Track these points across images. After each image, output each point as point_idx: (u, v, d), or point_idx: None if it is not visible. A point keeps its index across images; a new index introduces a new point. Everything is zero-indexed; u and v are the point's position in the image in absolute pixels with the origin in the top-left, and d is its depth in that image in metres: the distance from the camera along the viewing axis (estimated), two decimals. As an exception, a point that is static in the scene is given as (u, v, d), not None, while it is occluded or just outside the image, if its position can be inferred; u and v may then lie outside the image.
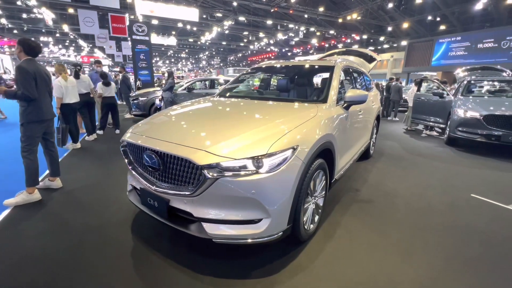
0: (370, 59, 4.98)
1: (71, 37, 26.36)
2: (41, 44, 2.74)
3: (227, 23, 21.68)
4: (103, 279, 1.71)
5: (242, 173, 1.57)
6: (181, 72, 49.41)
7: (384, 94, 10.00)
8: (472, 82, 6.28)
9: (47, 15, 18.75)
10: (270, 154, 1.61)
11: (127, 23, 16.61)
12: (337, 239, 2.22)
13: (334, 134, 2.29)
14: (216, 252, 1.99)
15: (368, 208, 2.78)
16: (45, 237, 2.14)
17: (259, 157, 1.59)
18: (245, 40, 30.03)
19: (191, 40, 29.67)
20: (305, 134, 1.90)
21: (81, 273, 1.76)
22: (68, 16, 22.06)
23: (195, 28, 24.76)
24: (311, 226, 2.20)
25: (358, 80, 3.88)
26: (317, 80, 3.24)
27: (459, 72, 7.49)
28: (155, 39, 24.89)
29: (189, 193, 1.66)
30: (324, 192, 2.35)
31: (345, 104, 2.64)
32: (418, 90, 7.02)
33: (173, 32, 27.29)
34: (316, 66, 3.07)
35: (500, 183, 3.59)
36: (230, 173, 1.57)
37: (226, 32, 26.27)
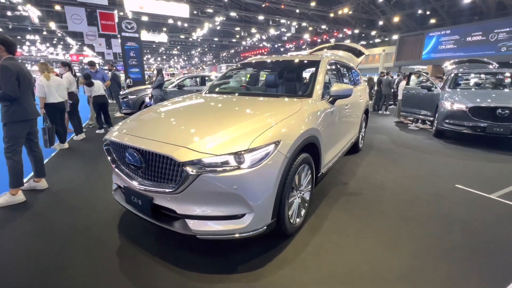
0: (358, 53, 5.02)
1: (59, 35, 25.73)
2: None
3: (219, 19, 21.47)
4: (88, 280, 1.70)
5: (224, 169, 1.57)
6: (173, 69, 48.87)
7: (376, 88, 10.07)
8: (459, 75, 6.37)
9: (33, 13, 18.25)
10: (252, 149, 1.62)
11: (116, 20, 16.27)
12: (324, 231, 2.25)
13: (319, 129, 2.31)
14: (203, 248, 1.99)
15: (355, 200, 2.82)
16: (29, 239, 2.11)
17: (241, 152, 1.59)
18: (237, 36, 29.80)
19: (182, 36, 29.32)
20: (288, 128, 1.90)
21: (65, 275, 1.75)
22: (55, 13, 21.53)
23: (186, 25, 24.46)
24: (297, 220, 2.22)
25: (346, 74, 3.90)
26: (303, 75, 3.24)
27: (447, 65, 7.59)
28: (146, 36, 24.49)
29: (171, 190, 1.65)
30: (310, 186, 2.38)
31: (331, 99, 2.65)
32: (408, 83, 7.09)
33: (164, 29, 26.92)
34: (302, 61, 3.07)
35: (484, 173, 3.68)
36: (212, 169, 1.57)
37: (218, 28, 26.00)
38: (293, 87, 2.86)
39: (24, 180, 2.99)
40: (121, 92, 8.16)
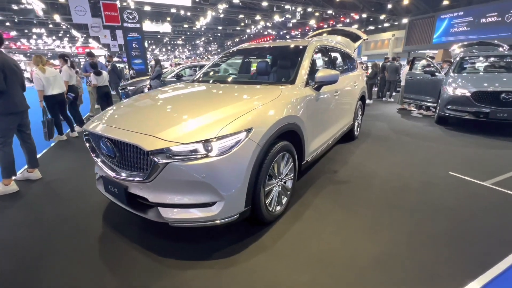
0: (355, 38, 4.85)
1: (64, 27, 25.87)
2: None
3: (222, 6, 21.09)
4: (67, 266, 1.76)
5: (192, 157, 1.57)
6: (179, 59, 48.67)
7: (380, 74, 9.77)
8: (465, 58, 6.09)
9: (37, 5, 18.33)
10: (221, 137, 1.60)
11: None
12: (306, 219, 2.25)
13: (299, 116, 2.26)
14: (181, 235, 2.02)
15: (343, 188, 2.79)
16: (19, 227, 2.19)
17: (208, 140, 1.58)
18: (242, 24, 29.25)
19: (186, 26, 29.03)
20: (262, 116, 1.87)
21: (48, 260, 1.81)
22: (59, 6, 21.60)
23: (189, 13, 24.13)
24: (278, 208, 2.22)
25: (338, 60, 3.79)
26: (291, 61, 3.16)
27: (455, 49, 7.28)
28: (149, 26, 24.38)
29: (142, 179, 1.67)
30: (293, 174, 2.36)
31: (316, 85, 2.59)
32: (411, 69, 6.85)
33: (168, 19, 26.67)
34: (288, 48, 2.99)
35: (482, 160, 3.56)
36: (180, 158, 1.57)
37: (221, 16, 25.58)
38: (277, 73, 2.80)
39: (19, 172, 3.09)
40: (122, 83, 8.22)
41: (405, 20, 22.75)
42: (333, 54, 3.49)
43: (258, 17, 25.71)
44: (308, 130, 2.51)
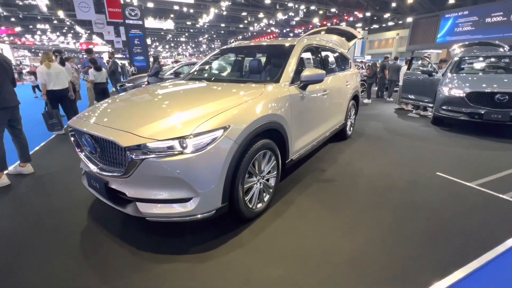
0: (350, 37, 4.84)
1: (68, 23, 26.03)
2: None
3: (224, 4, 21.04)
4: (50, 257, 1.82)
5: (167, 153, 1.61)
6: (182, 56, 48.74)
7: (379, 74, 9.71)
8: (463, 58, 6.05)
9: (41, 1, 18.47)
10: (196, 134, 1.63)
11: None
12: (286, 217, 2.28)
13: (282, 114, 2.29)
14: (162, 230, 2.07)
15: (328, 187, 2.81)
16: (4, 220, 2.25)
17: (183, 137, 1.61)
18: (245, 22, 29.19)
19: (189, 23, 29.01)
20: (241, 114, 1.90)
21: (29, 253, 1.87)
22: (63, 2, 21.70)
23: (192, 11, 24.12)
24: (259, 205, 2.26)
25: (330, 59, 3.79)
26: (278, 60, 3.17)
27: (455, 49, 7.21)
28: (153, 23, 24.40)
29: (120, 174, 1.71)
30: (275, 172, 2.39)
31: (301, 84, 2.61)
32: (409, 68, 6.80)
33: (171, 16, 26.69)
34: (276, 46, 3.00)
35: (472, 161, 3.55)
36: (156, 154, 1.61)
37: (224, 13, 25.54)
38: (263, 72, 2.82)
39: (12, 166, 3.16)
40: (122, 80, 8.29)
41: (409, 19, 22.52)
42: (324, 54, 3.50)
43: (261, 15, 25.61)
44: (293, 128, 2.53)
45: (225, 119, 1.78)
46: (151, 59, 8.15)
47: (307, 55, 3.28)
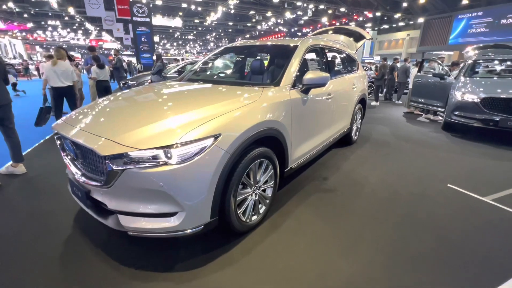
0: (359, 37, 4.63)
1: (78, 20, 26.29)
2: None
3: (232, 2, 20.90)
4: (26, 267, 1.70)
5: (150, 164, 1.47)
6: (189, 54, 48.84)
7: (388, 76, 9.43)
8: (478, 62, 5.76)
9: (51, -3, 18.65)
10: (182, 144, 1.49)
11: (132, 4, 16.19)
12: (282, 230, 2.12)
13: (281, 121, 2.13)
14: (147, 242, 1.93)
15: (328, 197, 2.64)
16: (-11, 223, 2.16)
17: (168, 146, 1.47)
18: (253, 20, 28.99)
19: (197, 21, 28.99)
20: (235, 121, 1.75)
21: (6, 260, 1.76)
22: (74, -2, 21.89)
23: (200, 8, 24.04)
24: (254, 217, 2.10)
25: (336, 61, 3.60)
26: (279, 61, 3.00)
27: (469, 51, 6.90)
28: (161, 20, 24.43)
29: (101, 184, 1.58)
30: (273, 182, 2.23)
31: (303, 88, 2.44)
32: (419, 71, 6.54)
33: (180, 13, 26.70)
34: (279, 47, 2.83)
35: (486, 172, 3.33)
36: (137, 164, 1.47)
37: (232, 12, 25.39)
38: (263, 74, 2.65)
39: (5, 166, 3.08)
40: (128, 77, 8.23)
41: (421, 19, 21.98)
42: (329, 55, 3.31)
43: (269, 14, 25.38)
44: (293, 135, 2.37)
45: (216, 126, 1.63)
46: (154, 57, 8.05)
47: (312, 56, 3.10)
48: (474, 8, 17.74)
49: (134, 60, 21.95)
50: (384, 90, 9.87)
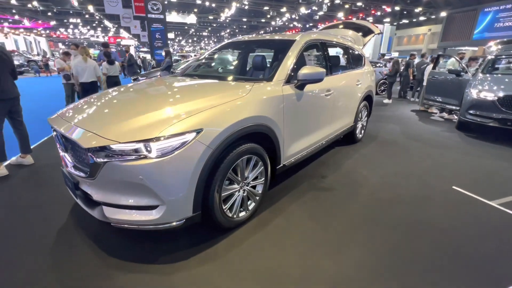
0: (367, 32, 4.47)
1: (97, 17, 27.14)
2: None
3: (246, -2, 20.78)
4: (18, 254, 1.78)
5: (130, 157, 1.48)
6: (204, 51, 49.25)
7: (403, 72, 9.05)
8: (499, 57, 5.39)
9: (72, -5, 19.29)
10: (161, 137, 1.49)
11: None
12: (271, 228, 2.09)
13: (271, 117, 2.09)
14: (137, 235, 1.97)
15: (324, 196, 2.58)
16: (-8, 210, 2.28)
17: (148, 140, 1.48)
18: (268, 16, 28.73)
19: (211, 17, 29.12)
20: (219, 116, 1.73)
21: (0, 246, 1.85)
22: (93, -3, 22.57)
23: (214, 5, 24.11)
24: (242, 213, 2.09)
25: (338, 56, 3.49)
26: (275, 57, 2.94)
27: (492, 46, 6.49)
28: (175, 17, 24.77)
29: (86, 175, 1.62)
30: (263, 179, 2.21)
31: (298, 83, 2.38)
32: (434, 67, 6.22)
33: (195, 10, 26.91)
34: (276, 42, 2.78)
35: (497, 175, 3.13)
36: (118, 157, 1.49)
37: (246, 7, 25.28)
38: (259, 69, 2.61)
39: (15, 157, 3.24)
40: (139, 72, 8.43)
41: (443, 13, 20.91)
42: (331, 50, 3.21)
43: (284, 9, 25.05)
44: (286, 132, 2.32)
45: (199, 120, 1.62)
46: (163, 53, 8.16)
47: (310, 51, 3.02)
48: (503, 0, 16.64)
49: (149, 56, 22.42)
50: (399, 88, 9.50)
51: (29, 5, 22.44)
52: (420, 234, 2.04)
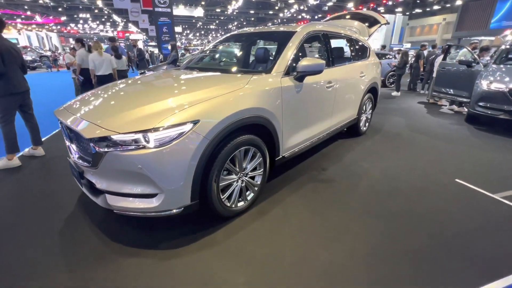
0: (373, 22, 4.37)
1: (106, 12, 27.40)
2: (4, 19, 2.85)
3: (253, -11, 20.49)
4: (27, 238, 1.90)
5: (129, 147, 1.55)
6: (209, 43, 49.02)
7: (414, 64, 8.81)
8: (513, 47, 5.19)
9: (81, -10, 19.46)
10: (159, 128, 1.55)
11: (152, -6, 16.47)
12: (268, 218, 2.14)
13: (269, 108, 2.11)
14: (139, 222, 2.06)
15: (323, 188, 2.60)
16: (2, 198, 2.41)
17: (146, 131, 1.54)
18: (276, 8, 28.29)
19: (218, 10, 28.92)
20: (215, 107, 1.77)
21: (10, 231, 1.97)
22: (102, -9, 22.72)
23: (221, -3, 23.90)
24: (241, 203, 2.15)
25: (340, 47, 3.45)
26: (275, 48, 2.94)
27: (507, 35, 6.26)
28: (183, 11, 24.72)
29: (89, 165, 1.70)
30: (262, 170, 2.25)
31: (298, 75, 2.38)
32: (445, 58, 6.04)
33: (202, 3, 26.77)
34: (275, 34, 2.77)
35: (503, 168, 3.06)
36: (119, 147, 1.56)
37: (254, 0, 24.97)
38: (258, 61, 2.62)
39: (27, 148, 3.39)
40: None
41: (459, 2, 20.08)
42: (333, 41, 3.18)
43: (292, 0, 24.60)
44: (285, 124, 2.34)
45: (196, 112, 1.67)
46: (169, 47, 8.21)
47: (311, 43, 3.00)
48: (523, -13, 15.83)
49: (157, 50, 22.53)
50: (408, 80, 9.28)
51: (40, 1, 22.85)
52: (417, 226, 2.05)
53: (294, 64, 2.40)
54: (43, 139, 3.44)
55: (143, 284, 1.53)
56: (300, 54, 2.60)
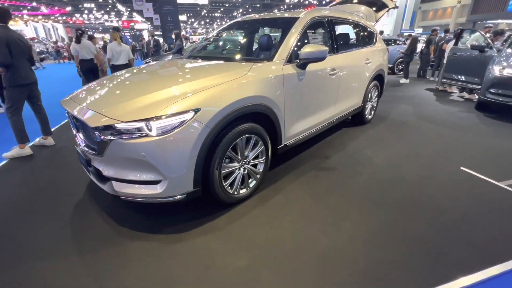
0: (381, 6, 4.24)
1: (110, 1, 27.19)
2: (10, 10, 2.88)
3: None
4: (37, 224, 2.00)
5: (133, 135, 1.59)
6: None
7: (424, 49, 8.54)
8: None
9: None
10: (162, 117, 1.58)
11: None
12: (270, 205, 2.18)
13: (271, 97, 2.11)
14: (145, 208, 2.13)
15: (325, 176, 2.62)
16: (14, 186, 2.51)
17: (148, 119, 1.57)
18: (282, -7, 27.54)
19: (223, -3, 28.33)
20: (216, 96, 1.78)
21: (21, 218, 2.07)
22: (106, -20, 22.47)
23: (226, -17, 23.34)
24: (243, 191, 2.19)
25: (345, 34, 3.38)
26: (280, 35, 2.90)
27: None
28: (187, -2, 24.24)
29: (95, 153, 1.76)
30: (264, 158, 2.27)
31: (300, 63, 2.36)
32: (456, 43, 5.83)
33: (207, -11, 26.21)
34: (278, 20, 2.72)
35: (510, 156, 3.00)
36: (123, 136, 1.60)
37: (259, -15, 24.29)
38: (260, 49, 2.60)
39: (37, 138, 3.49)
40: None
41: (475, -17, 19.08)
42: (338, 27, 3.11)
43: (298, -15, 23.85)
44: (287, 112, 2.35)
45: (197, 100, 1.69)
46: (173, 36, 8.15)
47: (315, 29, 2.94)
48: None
49: (162, 39, 22.40)
50: (418, 66, 9.02)
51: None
52: (417, 214, 2.06)
53: (297, 51, 2.37)
54: (52, 129, 3.53)
55: (148, 266, 1.60)
56: (304, 40, 2.56)
